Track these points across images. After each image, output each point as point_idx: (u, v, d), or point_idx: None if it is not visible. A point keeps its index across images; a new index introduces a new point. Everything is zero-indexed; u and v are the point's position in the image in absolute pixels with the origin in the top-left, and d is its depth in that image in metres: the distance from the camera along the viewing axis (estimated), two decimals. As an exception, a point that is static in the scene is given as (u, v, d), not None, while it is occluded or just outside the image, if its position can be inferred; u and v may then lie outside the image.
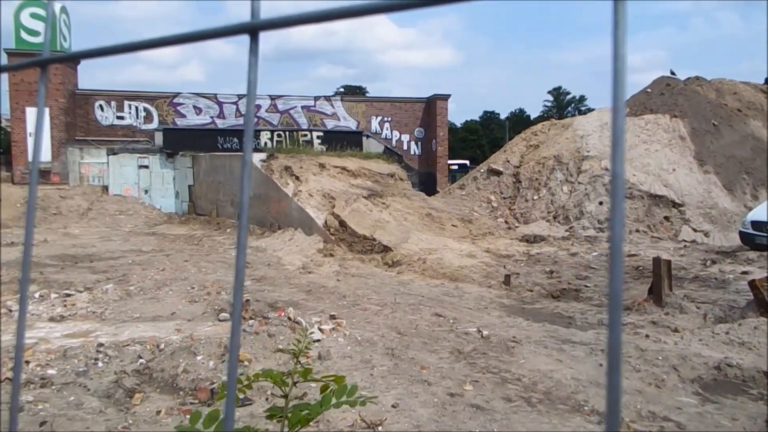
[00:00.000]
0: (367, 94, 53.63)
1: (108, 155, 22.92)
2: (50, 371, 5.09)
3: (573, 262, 11.94)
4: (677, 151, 19.18)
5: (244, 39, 0.53)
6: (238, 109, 25.44)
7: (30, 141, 23.64)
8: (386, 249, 12.62)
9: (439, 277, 10.58)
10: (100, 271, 10.42)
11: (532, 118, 63.82)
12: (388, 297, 8.69)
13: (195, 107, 25.17)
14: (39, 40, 23.39)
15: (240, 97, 25.55)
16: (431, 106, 26.87)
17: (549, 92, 72.39)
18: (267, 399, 4.67)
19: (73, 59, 0.57)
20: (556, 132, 21.06)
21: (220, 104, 25.35)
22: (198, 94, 25.46)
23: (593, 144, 19.05)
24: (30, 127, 23.62)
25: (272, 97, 25.89)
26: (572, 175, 18.28)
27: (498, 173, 19.89)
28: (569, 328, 7.21)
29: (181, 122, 24.91)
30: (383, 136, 26.63)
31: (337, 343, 6.25)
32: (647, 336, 6.55)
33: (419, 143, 27.19)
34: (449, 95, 26.99)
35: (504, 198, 19.13)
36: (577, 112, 59.32)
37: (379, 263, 11.94)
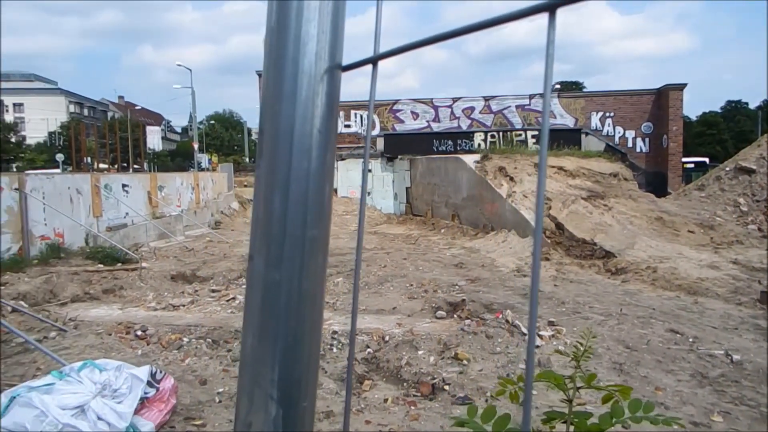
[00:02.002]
0: (584, 90, 50.50)
1: (337, 161, 25.35)
2: (295, 352, 5.77)
3: None
4: None
5: (457, 44, 0.49)
6: (452, 112, 26.04)
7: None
8: (608, 255, 11.69)
9: (673, 288, 9.44)
10: (331, 266, 11.52)
11: (793, 104, 53.41)
12: (612, 307, 8.03)
13: (412, 112, 26.47)
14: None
15: (454, 100, 26.13)
16: (662, 98, 24.20)
17: (818, 72, 59.73)
18: (486, 400, 4.64)
19: (401, 52, 0.60)
20: (831, 120, 17.25)
21: (435, 108, 26.25)
22: (415, 100, 26.72)
23: None
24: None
25: (486, 98, 25.95)
26: None
27: (749, 172, 17.05)
28: None
29: (399, 128, 26.40)
30: (604, 132, 24.81)
31: (558, 352, 5.97)
32: None
33: (647, 139, 24.70)
34: (684, 84, 24.01)
35: (757, 201, 16.32)
36: None
37: (601, 270, 11.11)
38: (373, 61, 0.64)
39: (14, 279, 9.31)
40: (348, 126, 27.16)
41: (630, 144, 24.71)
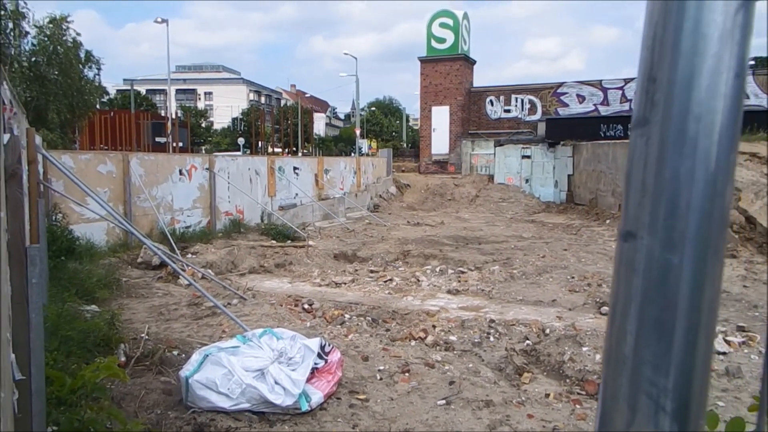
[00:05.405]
0: (789, 65, 43.35)
1: (495, 147, 24.84)
2: (451, 337, 5.77)
3: None
4: None
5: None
6: (623, 95, 24.07)
7: (434, 136, 27.53)
8: (816, 257, 9.99)
9: None
10: (487, 253, 11.35)
11: None
12: (822, 318, 6.85)
13: (578, 95, 24.95)
14: (444, 46, 26.88)
15: (627, 81, 24.12)
16: None
17: None
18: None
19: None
20: None
21: (604, 90, 24.47)
22: (582, 82, 25.14)
23: None
24: (434, 123, 27.49)
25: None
26: None
27: None
28: None
29: (563, 112, 25.07)
30: (814, 114, 21.14)
31: (750, 361, 5.25)
32: None
33: None
34: None
35: None
36: None
37: (805, 274, 9.54)
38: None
39: (203, 249, 10.54)
40: (507, 111, 26.44)
41: None
